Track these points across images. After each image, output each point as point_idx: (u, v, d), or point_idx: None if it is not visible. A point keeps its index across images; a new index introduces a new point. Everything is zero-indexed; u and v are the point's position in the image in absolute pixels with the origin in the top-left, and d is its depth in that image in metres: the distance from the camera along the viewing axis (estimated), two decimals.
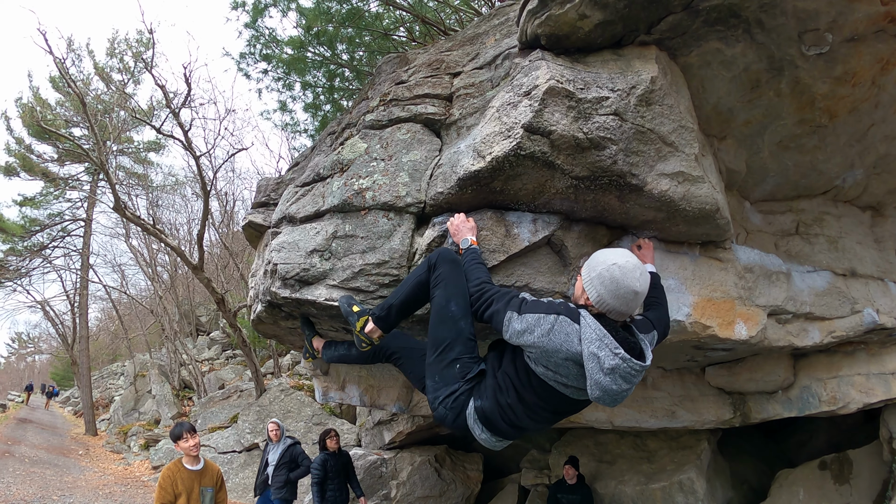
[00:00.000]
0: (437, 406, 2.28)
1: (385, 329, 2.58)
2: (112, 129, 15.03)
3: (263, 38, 7.31)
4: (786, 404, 4.60)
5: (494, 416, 2.14)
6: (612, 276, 1.94)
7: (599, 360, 1.84)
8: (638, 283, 1.94)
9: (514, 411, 2.11)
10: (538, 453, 7.11)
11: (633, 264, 1.97)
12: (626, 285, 1.93)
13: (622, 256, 2.00)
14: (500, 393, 2.13)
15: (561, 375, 1.99)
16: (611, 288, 1.94)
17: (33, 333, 35.80)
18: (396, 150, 2.90)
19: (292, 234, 2.97)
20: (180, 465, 4.01)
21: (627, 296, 1.94)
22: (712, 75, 2.84)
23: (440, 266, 2.40)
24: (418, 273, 2.50)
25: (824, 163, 3.54)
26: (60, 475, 11.26)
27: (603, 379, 1.84)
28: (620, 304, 1.95)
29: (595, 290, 1.98)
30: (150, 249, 20.12)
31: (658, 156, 2.51)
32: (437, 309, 2.36)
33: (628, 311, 1.98)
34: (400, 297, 2.52)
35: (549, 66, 2.41)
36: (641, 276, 1.96)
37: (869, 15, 2.54)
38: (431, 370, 2.33)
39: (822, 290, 3.87)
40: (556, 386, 2.02)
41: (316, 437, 9.21)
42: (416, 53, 3.71)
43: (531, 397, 2.08)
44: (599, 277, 1.98)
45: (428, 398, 2.34)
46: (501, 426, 2.16)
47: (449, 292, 2.33)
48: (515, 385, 2.10)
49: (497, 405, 2.13)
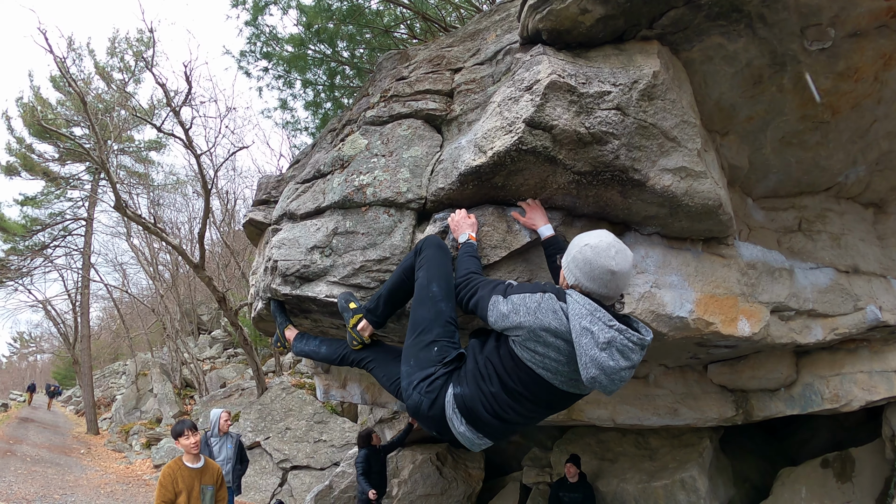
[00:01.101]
0: (412, 392, 2.11)
1: (375, 323, 2.54)
2: (113, 128, 15.06)
3: (264, 35, 7.30)
4: (788, 402, 4.58)
5: (475, 405, 1.98)
6: (585, 258, 1.85)
7: (593, 335, 1.71)
8: (614, 262, 1.82)
9: (496, 401, 1.96)
10: (540, 451, 7.10)
11: (607, 243, 1.86)
12: (599, 265, 1.82)
13: (595, 237, 1.90)
14: (482, 381, 1.98)
15: (549, 359, 1.86)
16: (585, 270, 1.85)
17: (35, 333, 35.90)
18: (397, 147, 2.89)
19: (293, 230, 2.96)
20: (181, 463, 4.02)
21: (604, 276, 1.82)
22: (714, 70, 2.83)
23: (425, 250, 2.37)
24: (406, 260, 2.48)
25: (827, 159, 3.53)
26: (62, 474, 11.29)
27: (599, 354, 1.69)
28: (598, 285, 1.84)
29: (572, 274, 1.89)
30: (151, 248, 20.15)
31: (660, 151, 2.50)
32: (418, 290, 2.30)
33: (609, 292, 1.86)
34: (388, 286, 2.50)
35: (550, 60, 2.39)
36: (618, 254, 1.84)
37: (871, 10, 2.53)
38: (407, 354, 2.21)
39: (824, 287, 3.85)
40: (544, 374, 1.90)
41: (317, 436, 9.20)
42: (417, 50, 3.70)
43: (516, 386, 1.94)
44: (574, 261, 1.89)
45: (402, 385, 2.20)
46: (484, 416, 1.99)
47: (431, 273, 2.28)
48: (499, 373, 1.96)
49: (479, 392, 1.98)
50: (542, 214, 2.59)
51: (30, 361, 46.39)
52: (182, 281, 21.14)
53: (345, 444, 9.43)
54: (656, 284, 2.86)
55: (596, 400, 4.54)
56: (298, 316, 3.22)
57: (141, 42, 17.42)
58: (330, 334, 3.39)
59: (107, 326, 34.03)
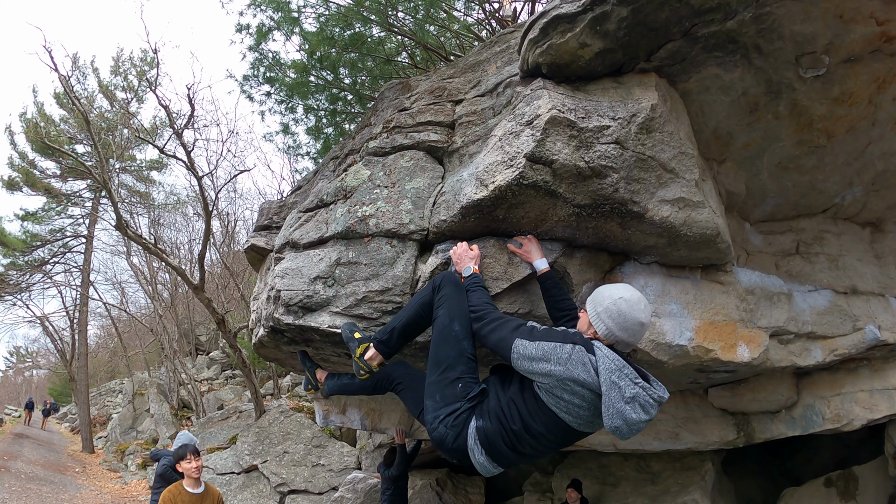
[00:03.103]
0: (438, 425, 2.24)
1: (386, 354, 2.58)
2: (115, 147, 15.14)
3: (267, 61, 7.40)
4: (789, 423, 4.57)
5: (496, 439, 2.12)
6: (620, 310, 2.03)
7: (620, 389, 1.88)
8: (643, 315, 2.04)
9: (517, 438, 2.11)
10: (541, 476, 7.04)
11: (638, 297, 2.07)
12: (633, 317, 2.02)
13: (626, 290, 2.09)
14: (504, 419, 2.12)
15: (573, 406, 1.99)
16: (619, 321, 2.02)
17: (32, 348, 35.62)
18: (400, 178, 2.93)
19: (296, 260, 2.98)
20: (181, 488, 3.96)
21: (634, 327, 2.03)
22: (711, 100, 2.87)
23: (444, 287, 2.42)
24: (422, 295, 2.51)
25: (823, 182, 3.57)
26: (57, 492, 11.16)
27: (624, 407, 1.86)
28: (628, 335, 2.03)
29: (603, 324, 2.06)
30: (150, 268, 20.10)
31: (659, 182, 2.54)
32: (439, 328, 2.36)
33: (635, 342, 2.07)
34: (403, 319, 2.53)
35: (550, 95, 2.44)
36: (646, 307, 2.07)
37: (865, 35, 2.57)
38: (432, 390, 2.31)
39: (823, 309, 3.87)
40: (566, 417, 2.03)
41: (316, 460, 9.11)
42: (419, 80, 3.76)
43: (537, 427, 2.08)
44: (607, 311, 2.05)
45: (426, 419, 2.31)
46: (503, 450, 2.14)
47: (452, 312, 2.35)
48: (522, 414, 2.10)
49: (501, 428, 2.12)
50: (537, 248, 2.66)
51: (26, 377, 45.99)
52: (181, 301, 21.06)
53: (343, 468, 9.32)
54: (656, 313, 2.88)
55: None
56: (300, 344, 3.23)
57: (145, 62, 17.60)
58: (331, 362, 3.40)
59: (104, 344, 33.82)
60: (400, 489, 5.82)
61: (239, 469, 10.14)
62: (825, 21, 2.47)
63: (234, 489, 9.76)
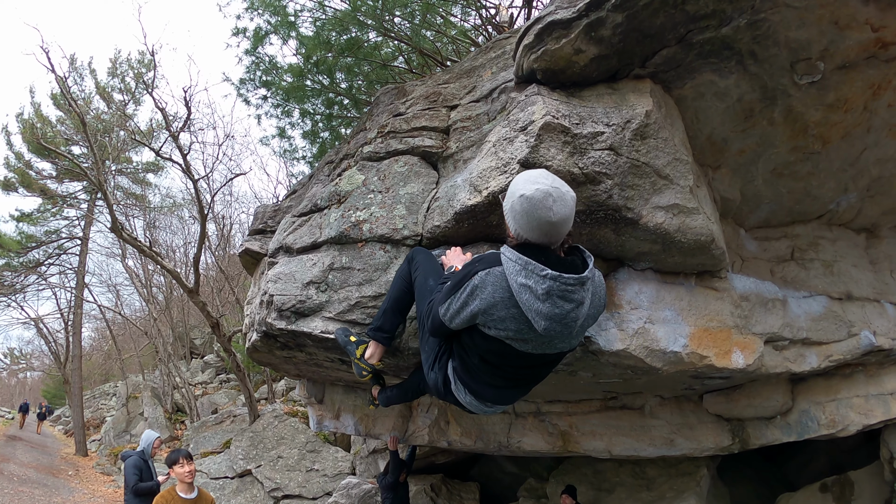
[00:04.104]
0: (429, 373, 2.26)
1: (384, 339, 2.61)
2: (111, 149, 15.07)
3: (263, 64, 7.40)
4: (785, 429, 4.56)
5: (467, 377, 2.09)
6: (523, 209, 1.76)
7: (531, 289, 1.73)
8: (552, 213, 1.73)
9: (482, 372, 2.05)
10: (536, 482, 7.01)
11: (543, 192, 1.74)
12: (537, 217, 1.74)
13: (532, 184, 1.78)
14: (465, 356, 2.06)
15: (512, 329, 1.85)
16: (522, 221, 1.78)
17: (26, 350, 35.37)
18: (394, 183, 2.93)
19: (289, 265, 2.97)
20: (174, 493, 3.93)
21: (543, 227, 1.76)
22: (706, 106, 2.87)
23: (416, 256, 2.52)
24: (401, 271, 2.59)
25: (818, 188, 3.57)
26: (49, 496, 11.09)
27: (541, 306, 1.72)
28: (539, 235, 1.78)
29: (511, 223, 1.85)
30: (145, 270, 20.02)
31: (653, 189, 2.53)
32: (418, 289, 2.42)
33: (551, 239, 1.80)
34: (389, 298, 2.60)
35: (544, 101, 2.44)
36: (556, 203, 1.74)
37: (860, 42, 2.58)
38: (423, 344, 2.35)
39: (818, 315, 3.87)
40: (514, 343, 1.90)
41: (310, 465, 9.05)
42: (414, 85, 3.75)
43: (494, 358, 1.99)
44: (511, 210, 1.83)
45: (425, 372, 2.33)
46: (477, 386, 2.09)
47: (426, 271, 2.41)
48: (475, 350, 2.01)
49: (466, 367, 2.08)
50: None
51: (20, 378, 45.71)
52: (176, 304, 20.99)
53: (337, 473, 9.28)
54: (650, 320, 2.87)
55: (591, 432, 4.52)
56: (293, 349, 3.21)
57: (142, 64, 17.56)
58: (325, 367, 3.38)
59: (98, 347, 33.64)
60: (401, 497, 5.80)
61: (233, 473, 10.09)
62: (820, 27, 2.48)
63: (228, 494, 9.71)
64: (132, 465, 5.47)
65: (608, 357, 2.84)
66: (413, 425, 4.49)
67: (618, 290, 2.91)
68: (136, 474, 5.41)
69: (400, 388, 3.07)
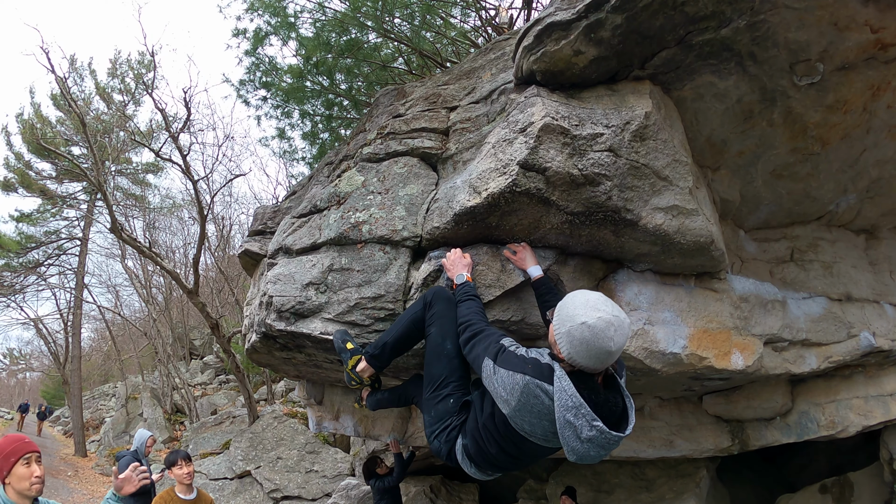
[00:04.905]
0: (433, 440, 2.32)
1: (377, 367, 2.62)
2: (111, 150, 15.06)
3: (263, 65, 7.40)
4: (784, 430, 4.56)
5: (478, 458, 2.17)
6: (583, 338, 1.75)
7: (576, 429, 1.72)
8: (612, 343, 1.74)
9: (496, 457, 2.12)
10: (535, 483, 7.01)
11: (606, 322, 1.75)
12: (597, 347, 1.74)
13: (593, 311, 1.78)
14: (480, 440, 2.12)
15: (537, 430, 1.91)
16: (580, 349, 1.77)
17: (25, 350, 35.35)
18: (393, 184, 2.93)
19: (288, 266, 2.97)
20: (173, 494, 3.93)
21: (601, 356, 1.76)
22: (706, 108, 2.87)
23: (436, 304, 2.44)
24: (413, 311, 2.53)
25: (818, 189, 3.57)
26: (48, 496, 10.99)
27: (580, 447, 1.74)
28: (594, 363, 1.78)
29: (565, 348, 1.81)
30: (145, 271, 19.99)
31: (652, 190, 2.53)
32: (432, 346, 2.40)
33: (603, 367, 1.82)
34: (394, 334, 2.56)
35: (544, 102, 2.43)
36: (616, 332, 1.75)
37: (860, 43, 2.57)
38: (427, 406, 2.37)
39: (817, 316, 3.87)
40: (535, 440, 1.96)
41: (309, 466, 9.01)
42: (414, 86, 3.75)
43: (511, 449, 2.06)
44: (569, 335, 1.79)
45: (426, 433, 2.38)
46: (485, 466, 2.19)
47: (444, 330, 2.37)
48: (496, 437, 2.06)
49: (479, 449, 2.14)
50: (531, 256, 2.65)
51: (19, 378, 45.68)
52: (175, 305, 20.96)
53: (337, 474, 9.27)
54: (649, 321, 2.86)
55: None
56: (293, 350, 3.21)
57: (142, 65, 17.56)
58: (324, 368, 3.38)
59: (98, 348, 33.63)
60: (394, 499, 5.78)
61: (232, 475, 10.08)
62: (820, 29, 2.47)
63: (227, 495, 9.69)
64: (126, 465, 5.47)
65: None
66: (413, 426, 4.49)
67: (617, 291, 2.91)
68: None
69: (392, 393, 3.06)
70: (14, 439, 2.30)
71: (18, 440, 2.30)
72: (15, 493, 2.23)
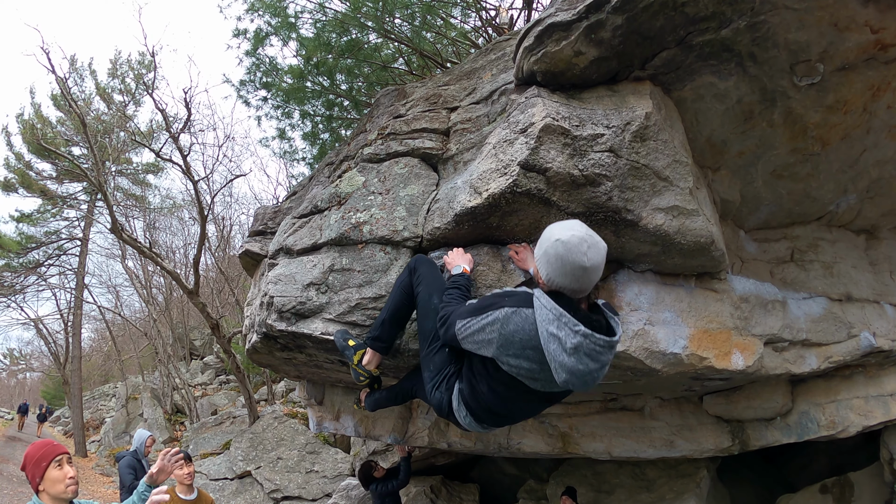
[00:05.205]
0: (434, 392, 2.32)
1: (382, 349, 2.63)
2: (111, 150, 15.07)
3: (264, 66, 7.42)
4: (784, 430, 4.56)
5: (472, 401, 2.16)
6: (557, 254, 1.82)
7: (560, 341, 1.75)
8: (586, 258, 1.79)
9: (487, 399, 2.11)
10: (535, 483, 7.01)
11: (579, 237, 1.82)
12: (571, 262, 1.79)
13: (567, 231, 1.85)
14: (475, 381, 2.13)
15: (524, 369, 1.91)
16: (556, 266, 1.82)
17: (25, 350, 35.35)
18: (394, 185, 2.93)
19: (289, 266, 2.97)
20: (173, 495, 3.92)
21: (576, 272, 1.80)
22: (706, 108, 2.87)
23: (419, 268, 2.52)
24: (401, 280, 2.60)
25: (818, 189, 3.57)
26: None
27: (567, 360, 1.75)
28: (570, 281, 1.82)
29: (544, 269, 1.88)
30: (145, 271, 20.00)
31: (653, 191, 2.53)
32: (421, 305, 2.45)
33: (581, 286, 1.85)
34: (389, 308, 2.61)
35: (544, 103, 2.44)
36: (590, 248, 1.81)
37: (860, 43, 2.58)
38: (425, 362, 2.39)
39: (818, 317, 3.87)
40: (524, 380, 1.96)
41: (309, 466, 8.99)
42: (414, 87, 3.76)
43: (502, 390, 2.05)
44: (545, 255, 1.87)
45: (426, 391, 2.38)
46: (480, 411, 2.17)
47: (430, 288, 2.43)
48: (486, 379, 2.08)
49: (473, 391, 2.14)
50: (532, 256, 2.62)
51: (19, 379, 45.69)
52: (175, 305, 20.96)
53: (337, 475, 9.27)
54: (650, 321, 2.87)
55: (591, 433, 4.51)
56: (293, 350, 3.21)
57: (142, 65, 17.58)
58: (325, 368, 3.38)
59: (98, 348, 33.62)
60: (396, 502, 5.76)
61: (232, 475, 10.08)
62: (820, 29, 2.48)
63: (228, 495, 9.70)
64: (126, 465, 5.49)
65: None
66: (413, 427, 4.50)
67: (618, 291, 2.92)
68: (132, 473, 5.43)
69: (390, 391, 3.08)
70: (41, 445, 2.31)
71: (46, 444, 2.31)
72: (50, 499, 2.21)
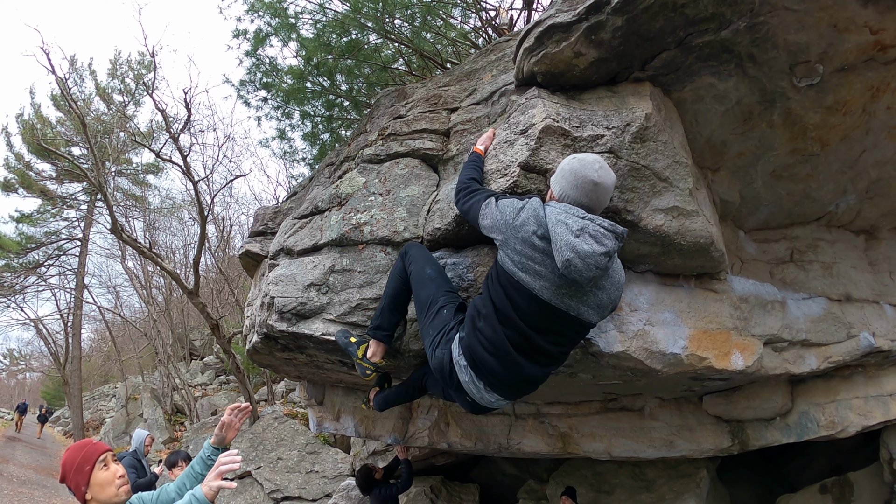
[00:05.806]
0: (435, 351, 2.31)
1: (385, 337, 2.64)
2: (111, 151, 15.07)
3: (264, 66, 7.43)
4: (784, 430, 4.56)
5: (475, 345, 2.11)
6: (571, 168, 2.03)
7: (567, 224, 1.89)
8: (597, 174, 2.00)
9: (489, 338, 2.08)
10: (535, 483, 7.01)
11: (593, 158, 2.05)
12: (583, 175, 1.99)
13: (583, 154, 2.11)
14: (477, 318, 2.14)
15: (529, 259, 1.98)
16: (570, 179, 2.02)
17: (25, 351, 35.34)
18: (394, 185, 2.94)
19: (290, 267, 2.98)
20: None
21: (587, 186, 1.99)
22: (705, 109, 2.88)
23: (409, 250, 2.59)
24: (395, 267, 2.64)
25: (817, 190, 3.58)
26: (48, 497, 11.08)
27: (572, 239, 1.86)
28: (581, 194, 2.00)
29: (557, 185, 2.08)
30: (145, 272, 20.00)
31: (653, 192, 2.54)
32: (416, 278, 2.48)
33: (591, 202, 2.01)
34: (387, 295, 2.64)
35: (545, 104, 2.45)
36: (601, 168, 2.02)
37: (859, 44, 2.58)
38: (425, 330, 2.41)
39: (817, 317, 3.87)
40: (529, 282, 1.99)
41: (310, 466, 8.98)
42: (415, 88, 3.77)
43: (505, 306, 2.05)
44: (561, 171, 2.08)
45: (428, 357, 2.37)
46: (482, 356, 2.10)
47: (423, 262, 2.50)
48: (491, 296, 2.10)
49: (474, 331, 2.12)
50: None
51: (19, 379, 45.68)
52: (175, 305, 20.94)
53: (337, 475, 9.27)
54: (650, 322, 2.87)
55: (591, 433, 4.52)
56: (294, 351, 3.22)
57: (142, 65, 17.58)
58: (325, 369, 3.38)
59: (98, 348, 33.58)
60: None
61: (232, 475, 10.08)
62: (819, 30, 2.48)
63: (228, 495, 9.69)
64: (127, 465, 5.51)
65: (608, 359, 2.85)
66: (413, 427, 4.50)
67: None
68: (133, 473, 5.46)
69: (400, 386, 3.09)
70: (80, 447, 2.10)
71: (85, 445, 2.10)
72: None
